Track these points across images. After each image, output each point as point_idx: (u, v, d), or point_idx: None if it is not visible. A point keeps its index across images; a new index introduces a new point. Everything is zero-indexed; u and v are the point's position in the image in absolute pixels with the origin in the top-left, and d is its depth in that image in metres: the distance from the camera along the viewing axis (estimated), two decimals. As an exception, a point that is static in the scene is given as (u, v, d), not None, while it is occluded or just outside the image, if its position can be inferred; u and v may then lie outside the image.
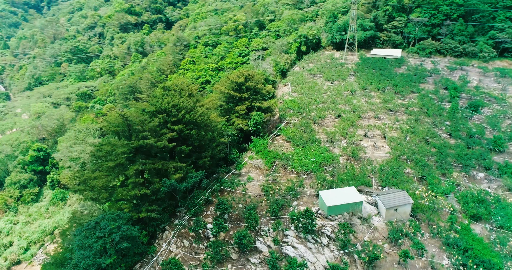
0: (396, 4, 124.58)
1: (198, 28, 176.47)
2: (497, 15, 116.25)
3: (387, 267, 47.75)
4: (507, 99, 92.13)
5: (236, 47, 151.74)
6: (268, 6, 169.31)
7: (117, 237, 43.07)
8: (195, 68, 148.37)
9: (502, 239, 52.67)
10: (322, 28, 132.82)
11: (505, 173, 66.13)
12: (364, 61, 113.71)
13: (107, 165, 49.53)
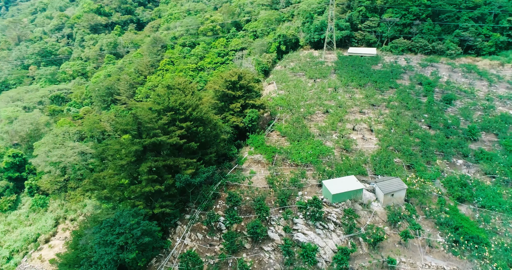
0: (369, 5, 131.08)
1: (174, 29, 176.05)
2: (461, 15, 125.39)
3: (389, 247, 51.86)
4: (476, 93, 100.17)
5: (215, 47, 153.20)
6: (243, 7, 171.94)
7: (139, 232, 44.17)
8: (174, 69, 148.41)
9: (485, 217, 58.34)
10: (300, 28, 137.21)
11: (481, 159, 72.55)
12: (343, 60, 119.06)
13: (119, 163, 50.23)
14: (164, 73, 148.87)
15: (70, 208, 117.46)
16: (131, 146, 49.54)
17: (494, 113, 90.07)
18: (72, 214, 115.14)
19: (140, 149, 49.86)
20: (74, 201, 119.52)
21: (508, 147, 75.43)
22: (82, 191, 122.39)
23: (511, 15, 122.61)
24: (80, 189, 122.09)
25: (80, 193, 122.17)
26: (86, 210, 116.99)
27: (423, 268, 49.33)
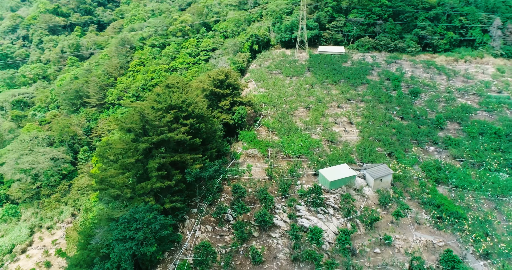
0: (336, 6, 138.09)
1: (140, 30, 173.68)
2: (418, 15, 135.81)
3: (384, 227, 56.98)
4: (437, 86, 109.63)
5: (186, 48, 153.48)
6: (211, 7, 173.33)
7: (157, 225, 45.58)
8: (145, 70, 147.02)
9: (460, 195, 65.40)
10: (271, 28, 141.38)
11: (449, 145, 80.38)
12: (314, 58, 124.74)
13: (127, 161, 51.01)
14: (135, 74, 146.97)
15: (45, 216, 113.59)
16: (140, 144, 50.53)
17: (455, 104, 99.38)
18: (48, 222, 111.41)
19: (149, 147, 50.99)
20: (49, 209, 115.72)
21: (471, 134, 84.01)
22: (56, 198, 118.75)
23: (462, 15, 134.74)
24: (55, 196, 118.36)
25: (55, 199, 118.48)
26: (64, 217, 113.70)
27: (414, 243, 54.87)
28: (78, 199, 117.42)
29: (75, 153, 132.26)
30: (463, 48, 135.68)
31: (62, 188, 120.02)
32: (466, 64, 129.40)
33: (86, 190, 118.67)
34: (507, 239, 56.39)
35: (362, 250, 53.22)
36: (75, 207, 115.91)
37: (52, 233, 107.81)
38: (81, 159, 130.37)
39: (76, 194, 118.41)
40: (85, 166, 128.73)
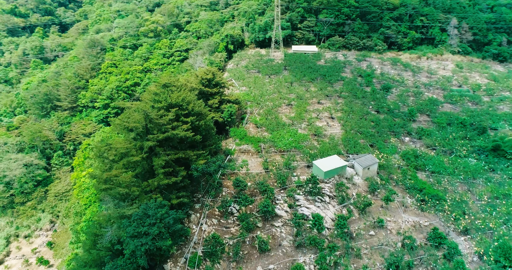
0: (306, 6, 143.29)
1: (107, 31, 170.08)
2: (383, 15, 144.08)
3: (375, 211, 61.63)
4: (406, 82, 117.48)
5: (159, 49, 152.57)
6: (182, 8, 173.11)
7: (171, 220, 46.99)
8: (119, 71, 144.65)
9: (437, 180, 71.57)
10: (244, 28, 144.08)
11: (422, 135, 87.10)
12: (289, 57, 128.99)
13: (132, 160, 51.79)
14: (107, 76, 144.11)
15: (22, 224, 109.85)
16: (146, 142, 51.51)
17: (423, 97, 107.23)
18: (25, 230, 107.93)
19: (155, 145, 52.07)
20: (25, 217, 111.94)
21: (440, 124, 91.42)
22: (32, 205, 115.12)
23: (422, 16, 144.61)
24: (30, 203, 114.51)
25: (31, 207, 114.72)
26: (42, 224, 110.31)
27: (404, 224, 59.92)
28: (56, 205, 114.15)
29: (47, 158, 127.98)
30: (424, 46, 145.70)
31: (38, 195, 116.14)
32: (428, 60, 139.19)
33: (64, 195, 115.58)
34: (481, 216, 62.86)
35: (358, 233, 57.44)
36: (54, 214, 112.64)
37: (30, 241, 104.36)
38: (55, 165, 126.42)
39: (54, 200, 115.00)
40: (61, 171, 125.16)
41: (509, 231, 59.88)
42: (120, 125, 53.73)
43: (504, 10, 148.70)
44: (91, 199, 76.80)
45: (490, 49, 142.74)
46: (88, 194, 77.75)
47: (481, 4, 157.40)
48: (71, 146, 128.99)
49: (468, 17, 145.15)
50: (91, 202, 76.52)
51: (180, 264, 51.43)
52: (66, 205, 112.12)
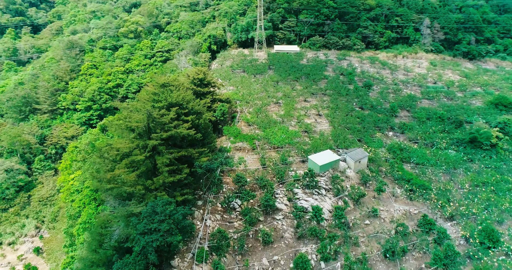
0: (287, 7, 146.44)
1: (88, 31, 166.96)
2: (361, 16, 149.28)
3: (368, 201, 64.89)
4: (385, 79, 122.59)
5: (140, 49, 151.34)
6: (161, 8, 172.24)
7: (180, 216, 48.15)
8: (100, 73, 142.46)
9: (422, 171, 75.90)
10: (226, 28, 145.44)
11: (405, 129, 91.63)
12: (273, 57, 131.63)
13: (137, 159, 52.46)
14: (88, 77, 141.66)
15: (5, 231, 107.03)
16: (150, 141, 52.31)
17: (402, 94, 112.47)
18: (9, 237, 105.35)
19: (160, 143, 52.93)
20: (8, 223, 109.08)
21: (420, 119, 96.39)
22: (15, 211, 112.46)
23: (397, 16, 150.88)
24: (13, 209, 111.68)
25: (14, 213, 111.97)
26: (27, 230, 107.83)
27: (395, 213, 63.48)
28: (41, 210, 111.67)
29: (27, 163, 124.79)
30: (400, 45, 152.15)
31: (21, 201, 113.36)
32: (404, 59, 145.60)
33: (49, 200, 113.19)
34: (465, 203, 67.38)
35: (354, 223, 60.45)
36: (38, 219, 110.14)
37: (15, 249, 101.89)
38: (37, 169, 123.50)
39: (38, 205, 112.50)
40: (43, 176, 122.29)
41: (490, 216, 64.60)
42: (119, 125, 54.16)
43: (472, 11, 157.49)
44: (85, 201, 76.16)
45: (460, 47, 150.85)
46: (81, 197, 77.03)
47: (450, 5, 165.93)
48: (52, 150, 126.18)
49: (439, 17, 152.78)
50: (85, 204, 75.89)
51: (187, 260, 52.59)
52: (51, 210, 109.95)
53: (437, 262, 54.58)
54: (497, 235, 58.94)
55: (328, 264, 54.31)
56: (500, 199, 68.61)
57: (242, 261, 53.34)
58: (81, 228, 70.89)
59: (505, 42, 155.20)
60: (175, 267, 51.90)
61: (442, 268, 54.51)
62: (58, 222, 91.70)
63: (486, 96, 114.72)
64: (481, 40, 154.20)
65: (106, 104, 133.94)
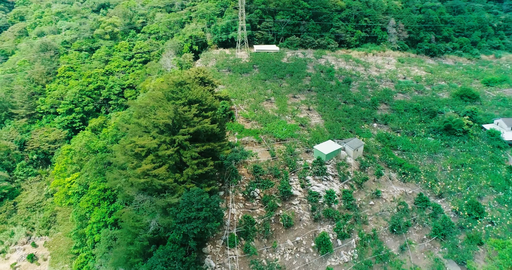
0: (264, 8, 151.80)
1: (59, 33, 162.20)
2: (333, 16, 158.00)
3: (369, 185, 71.70)
4: (361, 76, 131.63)
5: (118, 51, 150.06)
6: (136, 9, 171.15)
7: (217, 203, 51.82)
8: (78, 75, 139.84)
9: (409, 156, 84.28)
10: (206, 29, 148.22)
11: (387, 120, 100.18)
12: (255, 56, 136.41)
13: (166, 153, 55.24)
14: (66, 80, 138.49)
15: None
16: (178, 136, 55.29)
17: (379, 89, 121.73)
18: None
19: (188, 138, 56.00)
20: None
21: (399, 111, 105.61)
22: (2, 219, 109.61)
23: (366, 16, 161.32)
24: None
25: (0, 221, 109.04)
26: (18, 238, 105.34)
27: (394, 193, 70.81)
28: (30, 217, 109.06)
29: (7, 170, 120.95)
30: (369, 44, 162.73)
31: (7, 208, 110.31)
32: (374, 56, 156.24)
33: (38, 206, 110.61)
34: (450, 182, 76.31)
35: (361, 204, 66.95)
36: (28, 226, 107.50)
37: (6, 257, 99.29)
38: (19, 176, 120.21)
39: (26, 212, 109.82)
40: (27, 182, 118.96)
41: (472, 192, 73.80)
42: (139, 123, 56.62)
43: (431, 12, 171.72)
44: (93, 202, 76.64)
45: (422, 45, 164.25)
46: (88, 198, 77.33)
47: (411, 6, 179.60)
48: (33, 155, 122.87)
49: (403, 18, 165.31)
50: (93, 205, 76.39)
51: (219, 246, 56.29)
52: (42, 215, 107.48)
53: (437, 232, 62.36)
54: (481, 207, 67.94)
55: (344, 241, 60.29)
56: (478, 177, 78.27)
57: (269, 244, 57.88)
58: (95, 228, 71.67)
59: (460, 40, 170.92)
60: (208, 253, 55.44)
61: (441, 237, 62.34)
62: (62, 225, 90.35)
63: (451, 89, 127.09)
64: (440, 38, 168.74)
65: (88, 106, 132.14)
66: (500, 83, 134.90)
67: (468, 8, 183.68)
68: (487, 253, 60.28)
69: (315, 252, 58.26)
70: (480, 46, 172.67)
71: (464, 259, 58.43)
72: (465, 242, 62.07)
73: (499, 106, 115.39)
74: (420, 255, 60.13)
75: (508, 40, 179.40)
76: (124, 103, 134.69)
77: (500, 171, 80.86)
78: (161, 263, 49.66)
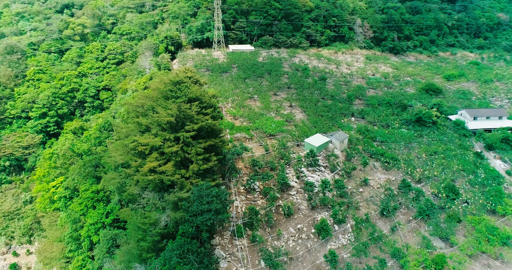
0: (237, 8, 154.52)
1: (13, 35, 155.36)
2: (303, 16, 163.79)
3: (357, 174, 76.93)
4: (334, 73, 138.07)
5: (90, 52, 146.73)
6: (105, 10, 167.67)
7: (226, 196, 54.25)
8: (49, 78, 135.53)
9: (388, 146, 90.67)
10: (181, 29, 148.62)
11: (364, 114, 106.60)
12: (231, 56, 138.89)
13: (172, 150, 56.86)
14: (36, 83, 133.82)
15: None
16: (183, 133, 57.06)
17: (352, 85, 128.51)
18: None
19: (193, 134, 57.84)
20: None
21: (373, 105, 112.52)
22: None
23: (334, 16, 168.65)
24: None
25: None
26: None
27: (380, 180, 76.48)
28: (8, 226, 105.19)
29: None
30: (338, 43, 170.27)
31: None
32: (344, 55, 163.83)
33: (16, 214, 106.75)
34: (426, 168, 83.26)
35: (352, 192, 71.89)
36: (7, 235, 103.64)
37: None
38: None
39: (4, 221, 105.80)
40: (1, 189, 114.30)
41: (447, 176, 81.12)
42: (139, 122, 57.90)
43: (392, 12, 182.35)
44: (87, 204, 75.96)
45: (386, 44, 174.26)
46: (81, 200, 76.49)
47: (374, 6, 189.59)
48: (6, 162, 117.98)
49: (368, 18, 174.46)
50: (87, 207, 75.74)
51: (227, 237, 58.76)
52: (21, 223, 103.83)
53: (422, 213, 68.53)
54: (456, 189, 75.13)
55: (341, 226, 64.86)
56: (450, 163, 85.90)
57: (273, 232, 61.15)
58: (92, 229, 71.36)
59: (420, 39, 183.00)
60: (217, 245, 57.79)
61: (425, 218, 68.57)
62: (48, 231, 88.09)
63: (416, 84, 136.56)
64: (401, 37, 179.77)
65: (62, 109, 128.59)
66: (459, 77, 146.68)
67: (425, 8, 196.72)
68: (466, 228, 67.19)
69: (316, 237, 62.28)
70: (437, 44, 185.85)
71: (448, 235, 64.88)
72: (446, 220, 68.71)
73: (460, 98, 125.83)
74: (409, 234, 65.93)
75: (462, 38, 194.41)
76: (101, 105, 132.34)
77: (468, 157, 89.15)
78: (176, 255, 51.45)
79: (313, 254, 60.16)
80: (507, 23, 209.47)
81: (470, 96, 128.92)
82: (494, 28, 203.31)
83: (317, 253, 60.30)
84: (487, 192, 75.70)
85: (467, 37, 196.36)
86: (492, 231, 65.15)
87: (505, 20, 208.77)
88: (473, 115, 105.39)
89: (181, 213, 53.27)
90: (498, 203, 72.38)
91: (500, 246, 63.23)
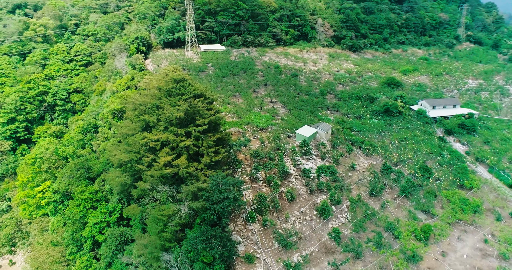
0: (206, 9, 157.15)
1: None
2: (269, 17, 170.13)
3: (343, 160, 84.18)
4: (303, 70, 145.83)
5: (55, 54, 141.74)
6: (66, 10, 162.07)
7: (242, 184, 58.35)
8: (13, 81, 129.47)
9: (365, 135, 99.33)
10: (151, 30, 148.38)
11: (337, 107, 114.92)
12: (204, 55, 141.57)
13: (186, 144, 59.82)
14: (0, 87, 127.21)
15: None
16: (196, 127, 60.20)
17: (322, 81, 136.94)
18: None
19: (205, 129, 61.04)
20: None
21: (344, 99, 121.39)
22: None
23: (297, 16, 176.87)
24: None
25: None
26: None
27: (364, 165, 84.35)
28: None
29: None
30: (301, 41, 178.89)
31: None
32: (308, 53, 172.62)
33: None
34: (401, 152, 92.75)
35: (342, 176, 78.90)
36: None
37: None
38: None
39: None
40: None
41: (419, 158, 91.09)
42: (146, 120, 60.44)
43: (349, 12, 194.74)
44: (86, 205, 75.75)
45: (346, 42, 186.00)
46: (78, 202, 76.02)
47: (332, 7, 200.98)
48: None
49: (328, 18, 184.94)
50: (86, 208, 75.56)
51: (240, 223, 62.86)
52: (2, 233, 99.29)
53: (405, 191, 77.19)
54: (429, 169, 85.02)
55: (338, 207, 71.47)
56: (420, 147, 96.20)
57: (281, 216, 66.18)
58: (96, 229, 71.69)
59: (375, 37, 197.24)
60: (232, 230, 61.74)
61: (408, 195, 77.31)
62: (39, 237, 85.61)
63: (378, 79, 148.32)
64: (358, 35, 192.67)
65: (31, 114, 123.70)
66: (413, 72, 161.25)
67: (377, 9, 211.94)
68: (442, 202, 76.87)
69: (318, 218, 68.30)
70: (390, 41, 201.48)
71: (428, 208, 73.99)
72: (425, 196, 78.04)
73: (417, 90, 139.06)
74: (396, 210, 74.17)
75: (410, 36, 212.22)
76: (73, 108, 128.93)
77: (433, 141, 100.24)
78: (201, 242, 54.72)
79: (318, 233, 66.11)
80: (447, 22, 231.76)
81: (425, 88, 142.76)
82: (437, 26, 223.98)
83: (321, 232, 66.30)
84: (454, 170, 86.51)
85: (415, 35, 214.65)
86: (464, 202, 75.35)
87: (445, 20, 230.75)
88: (432, 104, 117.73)
89: (201, 202, 56.47)
90: (465, 178, 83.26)
91: (472, 213, 73.45)
